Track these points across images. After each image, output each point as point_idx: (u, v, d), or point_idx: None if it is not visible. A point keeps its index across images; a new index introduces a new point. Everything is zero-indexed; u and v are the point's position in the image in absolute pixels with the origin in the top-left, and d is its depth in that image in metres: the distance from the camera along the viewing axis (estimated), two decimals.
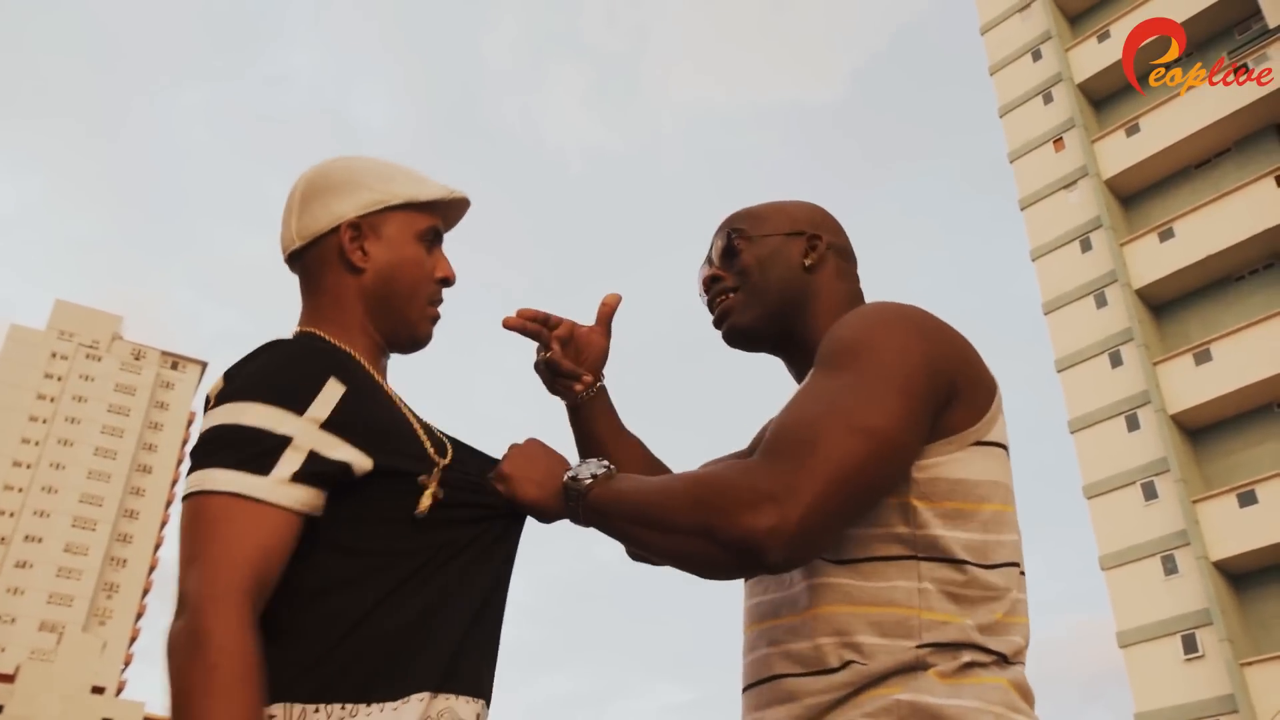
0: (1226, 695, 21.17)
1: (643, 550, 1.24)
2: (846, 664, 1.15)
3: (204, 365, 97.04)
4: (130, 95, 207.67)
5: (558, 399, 1.60)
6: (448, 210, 1.48)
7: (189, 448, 1.24)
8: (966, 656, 1.13)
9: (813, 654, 1.18)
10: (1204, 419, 24.24)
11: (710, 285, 1.47)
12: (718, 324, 1.47)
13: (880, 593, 1.16)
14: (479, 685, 1.27)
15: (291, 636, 1.15)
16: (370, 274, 1.38)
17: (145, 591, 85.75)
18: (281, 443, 1.18)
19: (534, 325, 1.55)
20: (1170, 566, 23.12)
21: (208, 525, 1.14)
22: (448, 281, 1.44)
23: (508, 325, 1.54)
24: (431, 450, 1.31)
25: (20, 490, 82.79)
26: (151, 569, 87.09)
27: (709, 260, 1.50)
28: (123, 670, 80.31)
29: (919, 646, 1.13)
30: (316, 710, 1.13)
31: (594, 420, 1.57)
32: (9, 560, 79.40)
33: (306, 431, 1.19)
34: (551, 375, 1.56)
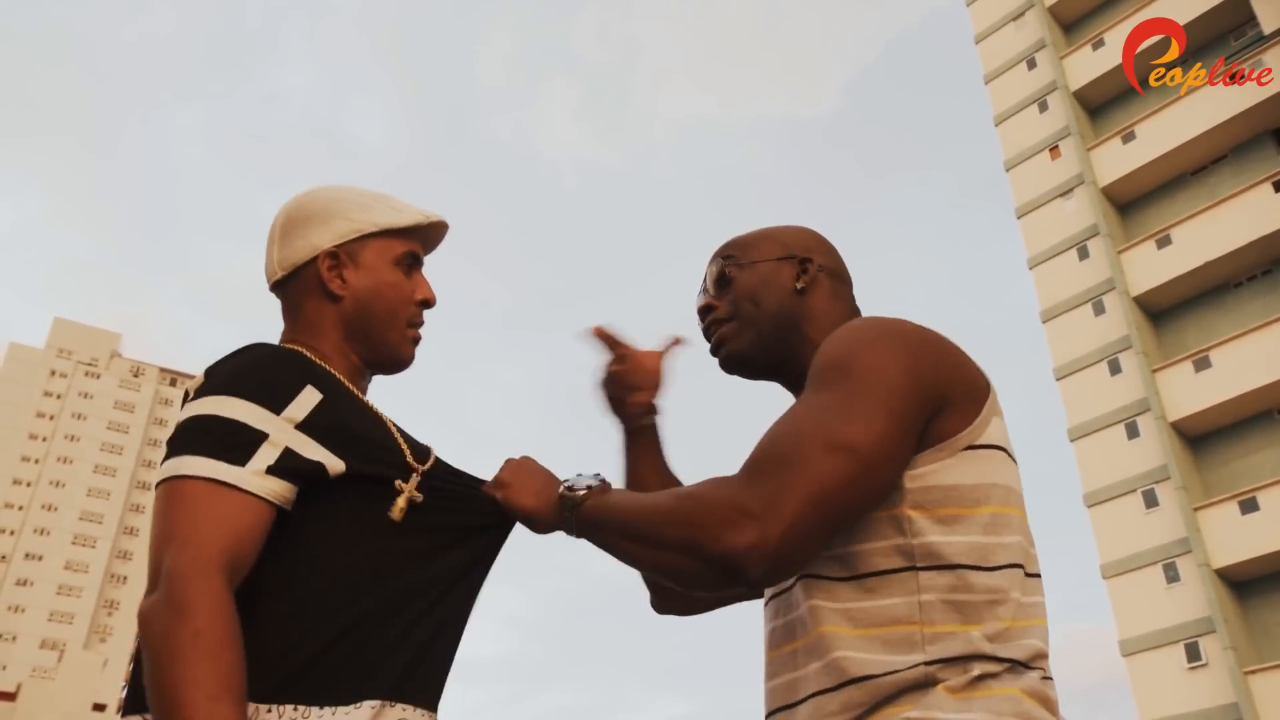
0: (1230, 704, 21.11)
1: (631, 564, 1.28)
2: (855, 680, 1.15)
3: None
4: (126, 114, 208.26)
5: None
6: (427, 234, 1.52)
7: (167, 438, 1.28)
8: (977, 669, 1.13)
9: (824, 673, 1.19)
10: (1204, 426, 24.23)
11: (705, 314, 1.51)
12: (714, 352, 1.50)
13: (882, 611, 1.17)
14: (432, 696, 1.28)
15: (254, 632, 1.16)
16: (349, 300, 1.42)
17: None
18: (259, 437, 1.22)
19: (610, 339, 1.66)
20: (1172, 574, 23.08)
21: (186, 507, 1.17)
22: (428, 303, 1.48)
23: (596, 334, 1.66)
24: (410, 457, 1.35)
25: (20, 508, 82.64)
26: None
27: (704, 289, 1.53)
28: (124, 687, 79.99)
29: (928, 663, 1.13)
30: (269, 710, 1.14)
31: (643, 451, 1.65)
32: (10, 578, 79.21)
33: (283, 429, 1.24)
34: (614, 391, 1.66)
